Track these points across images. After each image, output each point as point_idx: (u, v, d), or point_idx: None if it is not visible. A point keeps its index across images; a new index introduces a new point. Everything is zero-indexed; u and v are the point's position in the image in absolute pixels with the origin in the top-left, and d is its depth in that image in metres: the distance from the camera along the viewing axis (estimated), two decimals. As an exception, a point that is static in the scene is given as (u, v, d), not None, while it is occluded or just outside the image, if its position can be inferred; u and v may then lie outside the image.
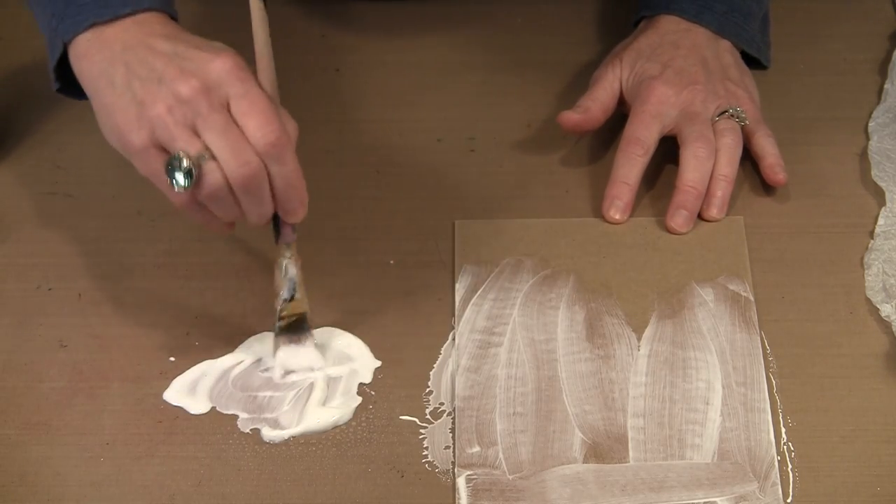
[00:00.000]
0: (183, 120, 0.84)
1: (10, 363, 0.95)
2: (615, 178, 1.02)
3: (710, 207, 1.01)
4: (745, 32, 1.07)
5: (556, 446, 0.88)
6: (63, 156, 1.08)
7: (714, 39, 1.06)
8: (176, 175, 0.84)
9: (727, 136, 1.02)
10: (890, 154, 1.05)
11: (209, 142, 0.84)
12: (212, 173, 0.84)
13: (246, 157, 0.84)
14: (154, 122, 0.84)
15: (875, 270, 0.97)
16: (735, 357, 0.93)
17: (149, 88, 0.85)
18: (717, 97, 1.03)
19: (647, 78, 1.03)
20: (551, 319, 0.95)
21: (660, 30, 1.07)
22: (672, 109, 1.02)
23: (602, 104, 1.05)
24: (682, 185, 1.00)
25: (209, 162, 0.84)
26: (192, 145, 0.84)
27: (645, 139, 1.01)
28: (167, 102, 0.84)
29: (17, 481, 0.88)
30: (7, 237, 1.02)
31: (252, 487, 0.88)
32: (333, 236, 1.01)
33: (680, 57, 1.04)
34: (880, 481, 0.86)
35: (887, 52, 1.13)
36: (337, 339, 0.95)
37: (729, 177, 1.01)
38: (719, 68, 1.05)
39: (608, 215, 1.01)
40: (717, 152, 1.01)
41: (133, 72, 0.86)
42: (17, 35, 1.17)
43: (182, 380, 0.93)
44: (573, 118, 1.05)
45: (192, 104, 0.84)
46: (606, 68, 1.07)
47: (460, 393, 0.91)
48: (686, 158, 1.01)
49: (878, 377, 0.92)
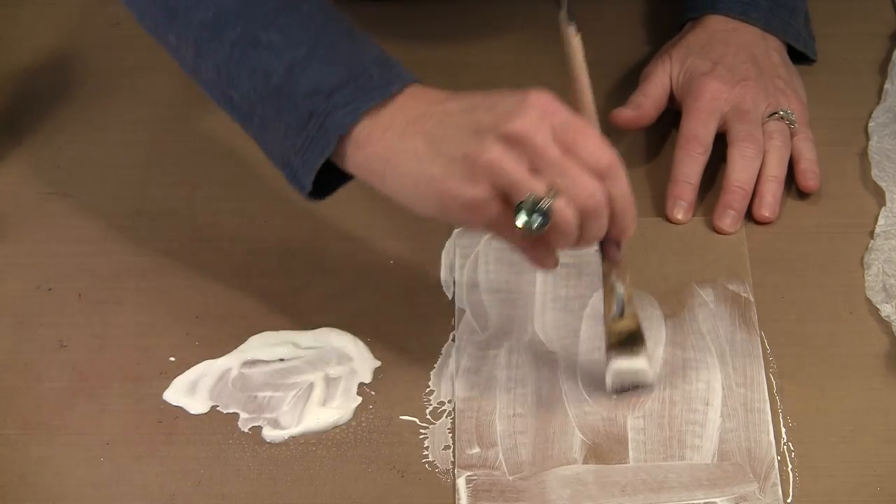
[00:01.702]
0: (519, 161, 0.80)
1: (10, 363, 0.95)
2: (677, 177, 1.01)
3: (761, 208, 1.00)
4: (792, 28, 1.08)
5: (556, 447, 0.88)
6: (63, 156, 1.08)
7: (762, 37, 1.07)
8: (532, 219, 0.80)
9: (776, 139, 1.02)
10: (890, 154, 1.05)
11: (552, 178, 0.80)
12: (563, 210, 0.80)
13: (591, 187, 0.80)
14: (492, 171, 0.80)
15: (875, 270, 0.97)
16: (735, 357, 0.93)
17: (468, 143, 0.81)
18: (768, 95, 1.03)
19: (699, 74, 1.03)
20: (551, 319, 0.95)
21: (707, 28, 1.07)
22: (725, 105, 1.02)
23: (654, 100, 1.05)
24: (729, 184, 1.00)
25: (558, 199, 0.80)
26: (538, 185, 0.80)
27: (703, 136, 1.01)
28: (498, 148, 0.80)
29: (17, 481, 0.88)
30: (7, 237, 1.02)
31: (252, 487, 0.88)
32: (333, 236, 1.01)
33: (730, 54, 1.04)
34: (880, 481, 0.86)
35: (887, 52, 1.13)
36: (337, 339, 0.95)
37: (779, 177, 1.01)
38: (770, 66, 1.05)
39: (672, 216, 1.01)
40: (767, 153, 1.01)
41: (437, 137, 0.82)
42: (17, 35, 1.17)
43: (182, 380, 0.93)
44: (626, 115, 1.04)
45: (523, 143, 0.80)
46: (656, 64, 1.07)
47: (460, 394, 0.91)
48: (734, 158, 1.01)
49: (878, 377, 0.92)
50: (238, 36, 0.86)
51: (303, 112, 0.85)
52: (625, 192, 0.83)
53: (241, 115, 0.88)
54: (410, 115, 0.83)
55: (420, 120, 0.83)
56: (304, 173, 0.86)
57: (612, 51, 1.14)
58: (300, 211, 1.02)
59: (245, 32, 0.86)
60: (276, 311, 0.96)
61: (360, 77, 0.84)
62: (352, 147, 0.84)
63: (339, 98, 0.84)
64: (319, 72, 0.85)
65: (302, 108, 0.85)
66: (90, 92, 1.12)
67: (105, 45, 1.16)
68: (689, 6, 1.10)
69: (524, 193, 0.80)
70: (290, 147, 0.86)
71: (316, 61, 0.85)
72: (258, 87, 0.86)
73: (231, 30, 0.86)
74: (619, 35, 1.16)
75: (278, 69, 0.85)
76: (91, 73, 1.14)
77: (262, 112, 0.87)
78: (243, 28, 0.86)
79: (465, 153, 0.80)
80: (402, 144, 0.83)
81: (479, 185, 0.80)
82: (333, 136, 0.84)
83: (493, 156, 0.80)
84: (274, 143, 0.87)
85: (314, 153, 0.85)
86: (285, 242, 1.01)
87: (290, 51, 0.85)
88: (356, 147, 0.84)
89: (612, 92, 1.11)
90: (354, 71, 0.85)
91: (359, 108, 0.84)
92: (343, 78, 0.84)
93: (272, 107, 0.86)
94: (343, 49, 0.86)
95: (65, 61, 1.15)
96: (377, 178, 0.84)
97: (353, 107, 0.84)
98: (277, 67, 0.85)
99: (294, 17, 0.86)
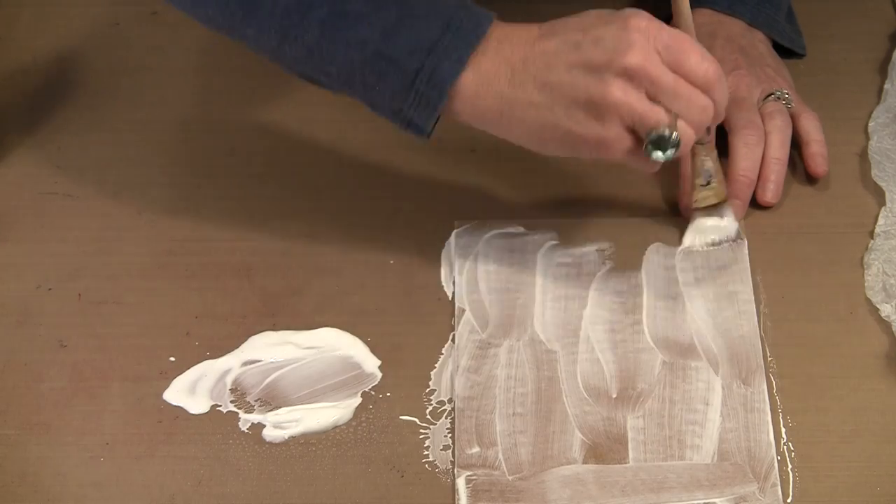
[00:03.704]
0: (640, 94, 0.85)
1: (10, 363, 0.95)
2: (686, 173, 1.01)
3: (764, 193, 1.01)
4: (777, 23, 1.08)
5: (556, 447, 0.88)
6: (63, 156, 1.08)
7: (748, 30, 1.07)
8: (666, 151, 0.86)
9: (777, 118, 1.02)
10: (890, 154, 1.05)
11: (670, 104, 0.86)
12: (685, 133, 0.86)
13: (704, 103, 0.87)
14: (619, 109, 0.85)
15: (875, 270, 0.97)
16: (735, 357, 0.93)
17: (587, 84, 0.86)
18: (760, 81, 1.04)
19: None
20: (551, 319, 0.95)
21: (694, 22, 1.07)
22: None
23: None
24: (734, 174, 1.00)
25: (680, 123, 0.86)
26: (662, 116, 0.85)
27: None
28: (619, 85, 0.85)
29: (17, 481, 0.88)
30: (7, 237, 1.02)
31: (252, 487, 0.88)
32: (333, 236, 1.01)
33: (718, 47, 1.05)
34: (880, 481, 0.86)
35: (887, 52, 1.13)
36: (337, 339, 0.95)
37: (782, 159, 1.01)
38: (757, 55, 1.06)
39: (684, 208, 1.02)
40: (769, 135, 1.01)
41: (551, 82, 0.86)
42: (17, 35, 1.17)
43: (182, 380, 0.93)
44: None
45: (639, 75, 0.85)
46: None
47: (460, 393, 0.91)
48: (736, 146, 1.01)
49: (878, 377, 0.92)
50: (326, 14, 0.88)
51: (409, 70, 0.87)
52: (726, 94, 0.89)
53: (340, 84, 0.91)
54: (512, 61, 0.87)
55: (525, 65, 0.87)
56: (423, 123, 0.89)
57: None
58: (300, 211, 1.02)
59: (332, 9, 0.88)
60: (276, 311, 0.97)
61: (451, 26, 0.87)
62: (460, 100, 0.88)
63: (441, 50, 0.87)
64: (413, 29, 0.87)
65: (407, 66, 0.87)
66: (90, 92, 1.12)
67: (105, 45, 1.16)
68: None
69: (651, 125, 0.85)
70: (402, 102, 0.88)
71: (407, 19, 0.87)
72: (356, 57, 0.88)
73: (318, 9, 0.88)
74: None
75: (374, 35, 0.87)
76: (91, 73, 1.14)
77: (364, 78, 0.89)
78: (329, 5, 0.88)
79: (588, 95, 0.85)
80: (515, 93, 0.87)
81: (608, 123, 0.85)
82: (445, 88, 0.87)
83: (617, 94, 0.85)
84: (381, 100, 0.90)
85: (429, 107, 0.88)
86: (285, 242, 1.01)
87: (379, 15, 0.87)
88: (465, 100, 0.88)
89: None
90: (445, 21, 0.87)
91: (463, 57, 0.87)
92: (438, 31, 0.87)
93: (374, 72, 0.88)
94: (426, 4, 0.88)
95: (65, 61, 1.15)
96: (493, 127, 0.89)
97: (456, 55, 0.87)
98: (373, 34, 0.87)
99: None
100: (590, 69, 0.85)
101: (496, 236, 1.00)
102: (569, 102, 0.86)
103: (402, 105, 0.89)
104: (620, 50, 0.85)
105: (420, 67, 0.87)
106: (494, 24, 0.88)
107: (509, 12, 1.18)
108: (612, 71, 0.85)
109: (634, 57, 0.84)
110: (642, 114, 0.85)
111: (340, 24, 0.88)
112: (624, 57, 0.84)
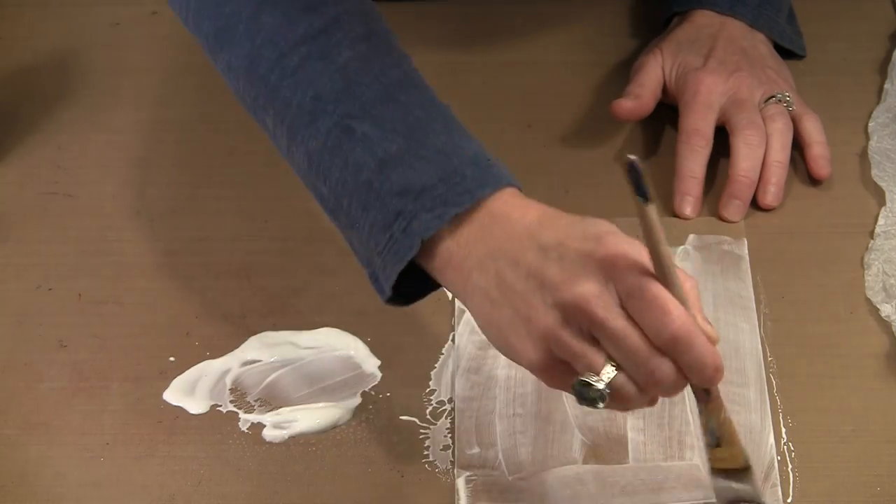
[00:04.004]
0: (578, 332, 0.75)
1: (10, 363, 0.95)
2: (682, 173, 1.01)
3: (765, 195, 1.01)
4: (777, 25, 1.08)
5: (556, 447, 0.88)
6: (63, 156, 1.08)
7: (749, 31, 1.07)
8: (589, 399, 0.75)
9: (778, 121, 1.02)
10: (890, 154, 1.05)
11: (612, 352, 0.74)
12: (623, 387, 0.75)
13: (653, 364, 0.74)
14: (549, 340, 0.75)
15: (875, 270, 0.97)
16: (735, 357, 0.92)
17: (531, 302, 0.75)
18: (761, 83, 1.04)
19: (692, 69, 1.04)
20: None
21: (695, 23, 1.07)
22: (721, 98, 1.03)
23: (651, 90, 1.05)
24: (735, 174, 1.00)
25: (618, 376, 0.74)
26: (595, 359, 0.74)
27: (704, 130, 1.02)
28: (556, 316, 0.74)
29: (17, 481, 0.88)
30: (7, 237, 1.02)
31: (252, 487, 0.88)
32: (333, 236, 1.01)
33: (720, 48, 1.05)
34: (880, 481, 0.86)
35: (887, 52, 1.13)
36: (337, 339, 0.95)
37: (783, 162, 1.01)
38: (759, 57, 1.06)
39: (680, 211, 1.01)
40: (769, 137, 1.01)
41: (507, 283, 0.76)
42: (17, 35, 1.17)
43: (182, 380, 0.93)
44: (627, 105, 1.04)
45: (584, 313, 0.74)
46: (647, 57, 1.07)
47: (460, 393, 0.91)
48: (737, 147, 1.01)
49: (878, 377, 0.92)
50: (333, 124, 0.81)
51: (390, 211, 0.79)
52: (699, 359, 0.74)
53: (329, 209, 0.84)
54: (489, 246, 0.78)
55: (496, 254, 0.77)
56: (385, 276, 0.81)
57: (564, 50, 1.14)
58: (300, 211, 1.02)
59: (340, 121, 0.81)
60: (276, 311, 0.97)
61: (451, 177, 0.79)
62: (435, 262, 0.79)
63: (427, 199, 0.79)
64: (411, 168, 0.79)
65: (390, 206, 0.79)
66: (90, 92, 1.12)
67: (105, 45, 1.16)
68: (676, 0, 1.10)
69: (582, 367, 0.75)
70: (374, 247, 0.81)
71: (409, 157, 0.80)
72: (348, 180, 0.81)
73: (327, 117, 0.81)
74: (571, 34, 1.16)
75: (370, 163, 0.80)
76: (91, 73, 1.14)
77: (350, 207, 0.81)
78: (339, 116, 0.81)
79: (526, 314, 0.76)
80: (478, 280, 0.78)
81: (538, 350, 0.76)
82: (417, 240, 0.78)
83: (548, 325, 0.75)
84: (360, 240, 0.82)
85: (397, 256, 0.79)
86: (285, 242, 1.01)
87: (383, 145, 0.80)
88: (438, 265, 0.79)
89: (563, 92, 1.11)
90: (447, 170, 0.79)
91: (446, 213, 0.78)
92: (434, 178, 0.79)
93: (360, 203, 0.81)
94: (438, 146, 0.80)
95: (65, 61, 1.15)
96: (463, 301, 0.80)
97: (440, 211, 0.78)
98: (369, 161, 0.80)
99: (390, 109, 0.81)
100: (540, 285, 0.75)
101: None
102: (513, 312, 0.76)
103: (374, 252, 0.81)
104: (573, 277, 0.74)
105: (402, 211, 0.79)
106: (500, 192, 0.79)
107: (509, 12, 1.18)
108: (555, 297, 0.74)
109: (581, 291, 0.74)
110: (573, 354, 0.75)
111: (344, 141, 0.81)
112: (572, 287, 0.74)
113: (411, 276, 0.80)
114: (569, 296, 0.74)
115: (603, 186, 1.03)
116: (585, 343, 0.75)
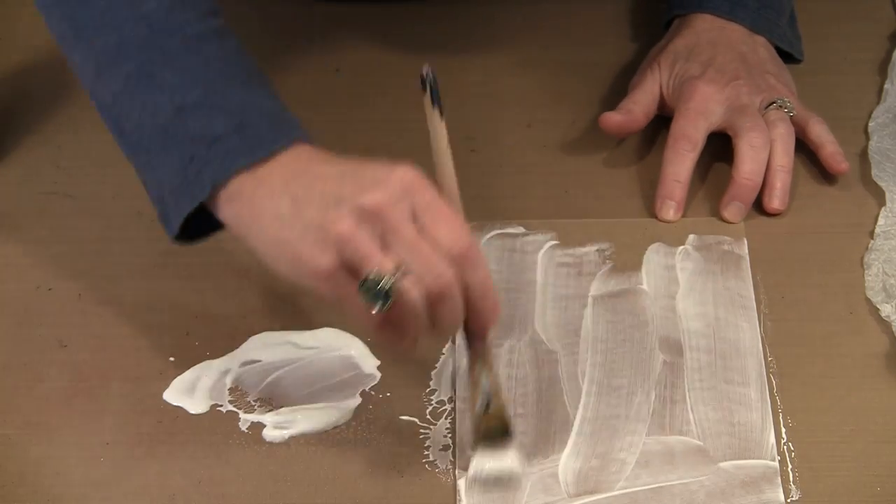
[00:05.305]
0: (371, 235, 0.78)
1: (10, 363, 0.95)
2: (666, 176, 1.01)
3: (771, 200, 1.01)
4: (778, 28, 1.08)
5: (557, 447, 0.88)
6: (63, 156, 1.08)
7: (749, 36, 1.07)
8: (374, 297, 0.78)
9: (780, 126, 1.02)
10: (890, 154, 1.05)
11: (401, 256, 0.78)
12: (409, 290, 0.78)
13: (441, 268, 0.78)
14: (341, 242, 0.78)
15: (875, 270, 0.97)
16: (735, 357, 0.92)
17: (327, 211, 0.79)
18: (761, 91, 1.03)
19: (689, 78, 1.04)
20: (552, 319, 0.95)
21: (695, 29, 1.07)
22: (718, 106, 1.02)
23: (644, 106, 1.05)
24: (738, 176, 1.00)
25: (405, 278, 0.78)
26: (385, 262, 0.78)
27: (692, 135, 1.01)
28: (352, 219, 0.78)
29: (17, 481, 0.88)
30: (7, 237, 1.02)
31: (252, 487, 0.88)
32: (333, 236, 1.01)
33: (719, 55, 1.05)
34: (880, 481, 0.86)
35: (887, 52, 1.13)
36: (337, 339, 0.95)
37: (787, 167, 1.01)
38: (758, 63, 1.05)
39: (661, 215, 1.01)
40: (773, 143, 1.01)
41: (302, 201, 0.80)
42: (18, 35, 1.17)
43: (182, 380, 0.93)
44: (615, 119, 1.04)
45: (379, 216, 0.78)
46: (645, 73, 1.07)
47: (460, 393, 0.91)
48: (742, 149, 1.01)
49: (878, 377, 0.92)
50: (135, 69, 0.85)
51: (185, 155, 0.84)
52: (483, 281, 0.80)
53: (129, 147, 0.88)
54: (285, 175, 0.82)
55: (292, 181, 0.81)
56: (174, 215, 0.85)
57: (564, 50, 1.14)
58: (300, 211, 1.02)
59: (142, 67, 0.85)
60: (276, 311, 0.96)
61: (245, 129, 0.83)
62: (223, 201, 0.83)
63: (220, 148, 0.83)
64: (206, 117, 0.84)
65: (185, 151, 0.84)
66: (90, 92, 1.12)
67: (105, 46, 1.16)
68: (677, 3, 1.10)
69: (369, 266, 0.78)
70: (167, 187, 0.85)
71: (205, 107, 0.84)
72: (146, 122, 0.85)
73: (130, 62, 0.86)
74: (572, 34, 1.16)
75: (167, 109, 0.84)
76: (91, 73, 1.14)
77: (149, 147, 0.86)
78: (141, 62, 0.86)
79: (321, 222, 0.79)
80: (270, 203, 0.81)
81: (328, 254, 0.79)
82: (207, 186, 0.83)
83: (344, 227, 0.78)
84: (154, 179, 0.86)
85: (186, 198, 0.84)
86: (285, 242, 1.01)
87: (181, 92, 0.84)
88: (226, 201, 0.83)
89: (563, 93, 1.11)
90: (242, 122, 0.84)
91: (236, 162, 0.83)
92: (228, 128, 0.83)
93: (157, 144, 0.85)
94: (236, 98, 0.85)
95: (65, 61, 1.15)
96: (243, 235, 0.83)
97: (230, 159, 0.83)
98: (166, 107, 0.85)
99: (192, 60, 0.86)
100: (337, 198, 0.79)
101: (496, 236, 1.00)
102: (305, 224, 0.79)
103: (166, 191, 0.85)
104: (370, 187, 0.79)
105: (195, 156, 0.83)
106: (298, 143, 0.84)
107: (509, 12, 1.18)
108: (352, 203, 0.78)
109: (378, 196, 0.78)
110: (364, 255, 0.78)
111: (144, 86, 0.85)
112: (369, 193, 0.78)
113: (198, 217, 0.85)
114: (367, 200, 0.78)
115: (602, 186, 1.03)
116: (377, 245, 0.78)
